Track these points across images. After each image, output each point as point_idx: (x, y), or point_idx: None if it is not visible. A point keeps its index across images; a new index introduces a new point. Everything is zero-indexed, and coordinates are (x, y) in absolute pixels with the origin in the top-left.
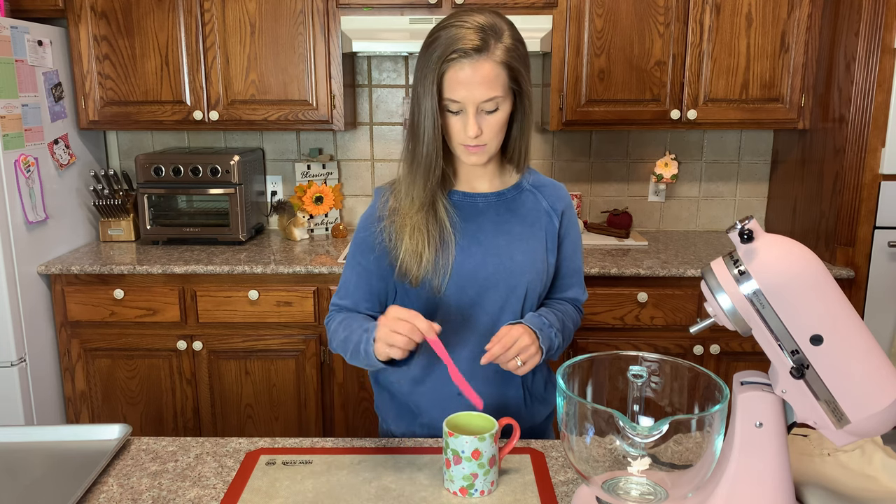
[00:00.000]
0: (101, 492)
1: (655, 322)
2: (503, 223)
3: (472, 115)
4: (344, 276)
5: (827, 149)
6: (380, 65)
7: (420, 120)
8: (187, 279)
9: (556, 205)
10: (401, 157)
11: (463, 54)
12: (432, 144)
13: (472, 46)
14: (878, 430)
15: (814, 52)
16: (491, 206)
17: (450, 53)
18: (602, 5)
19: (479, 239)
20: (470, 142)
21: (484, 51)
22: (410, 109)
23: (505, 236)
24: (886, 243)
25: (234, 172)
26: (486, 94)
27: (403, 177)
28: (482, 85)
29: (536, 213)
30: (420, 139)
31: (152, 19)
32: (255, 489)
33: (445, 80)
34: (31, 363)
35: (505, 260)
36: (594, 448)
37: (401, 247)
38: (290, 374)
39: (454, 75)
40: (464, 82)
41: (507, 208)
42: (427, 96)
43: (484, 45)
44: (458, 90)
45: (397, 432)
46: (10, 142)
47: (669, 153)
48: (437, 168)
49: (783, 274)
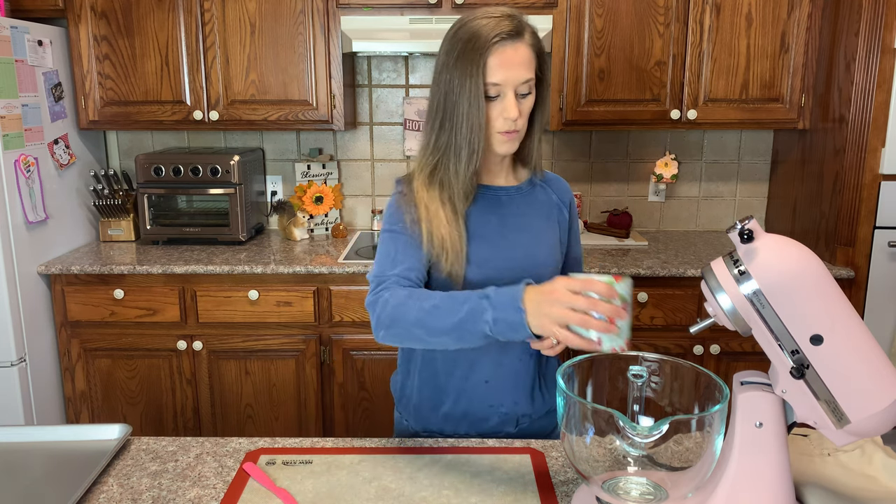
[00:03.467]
0: (101, 492)
1: (655, 322)
2: (523, 216)
3: (512, 98)
4: (385, 248)
5: (827, 149)
6: (380, 65)
7: (461, 109)
8: (187, 279)
9: (563, 197)
10: (423, 153)
11: (505, 37)
12: (476, 131)
13: (510, 30)
14: (878, 430)
15: (814, 52)
16: (513, 200)
17: (493, 38)
18: (602, 5)
19: (502, 233)
20: (510, 126)
21: (520, 34)
22: (438, 103)
23: (527, 230)
24: (886, 243)
25: (234, 172)
26: (525, 75)
27: (426, 165)
28: (522, 66)
29: (549, 207)
30: (458, 125)
31: (152, 19)
32: (255, 489)
33: (489, 65)
34: (31, 363)
35: (528, 253)
36: (594, 448)
37: (429, 236)
38: (289, 374)
39: (497, 59)
40: (506, 65)
41: (526, 202)
42: (470, 83)
43: (519, 30)
44: (500, 72)
45: (416, 426)
46: (10, 142)
47: (669, 153)
48: (480, 156)
49: (783, 274)
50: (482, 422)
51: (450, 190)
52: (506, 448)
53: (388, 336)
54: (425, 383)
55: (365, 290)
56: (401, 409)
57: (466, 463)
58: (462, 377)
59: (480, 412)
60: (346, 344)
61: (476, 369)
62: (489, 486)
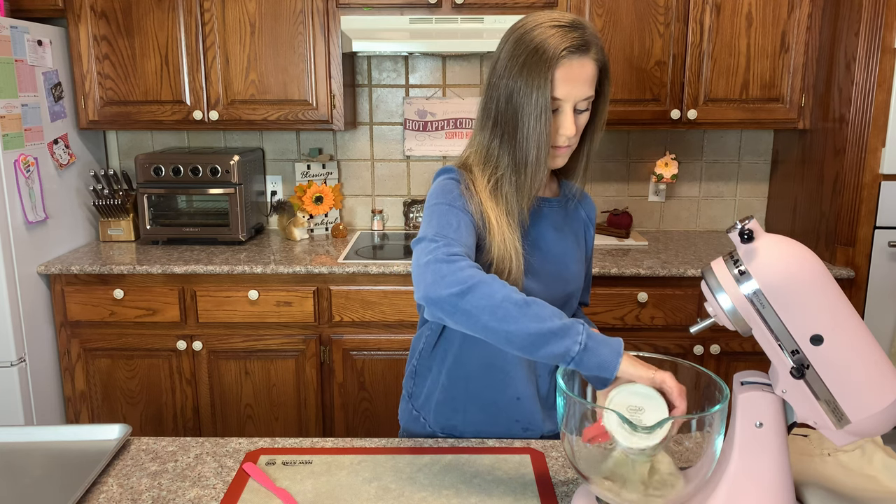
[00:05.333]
0: (101, 492)
1: (655, 322)
2: (559, 229)
3: (570, 113)
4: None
5: (827, 149)
6: (380, 65)
7: (527, 122)
8: (187, 279)
9: (591, 214)
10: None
11: (573, 51)
12: (544, 148)
13: (578, 44)
14: (878, 430)
15: (814, 52)
16: (553, 212)
17: (562, 51)
18: (602, 5)
19: (540, 246)
20: (565, 142)
21: (587, 48)
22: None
23: (561, 243)
24: (886, 243)
25: (234, 172)
26: (586, 91)
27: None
28: (585, 83)
29: (579, 223)
30: (522, 136)
31: (152, 19)
32: (255, 489)
33: (557, 78)
34: (30, 363)
35: (562, 268)
36: (594, 448)
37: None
38: (289, 374)
39: (563, 73)
40: (571, 80)
41: (561, 215)
42: (536, 95)
43: (587, 43)
44: (564, 87)
45: (434, 425)
46: (9, 142)
47: (669, 153)
48: (545, 172)
49: (783, 274)
50: (504, 433)
51: (511, 204)
52: (506, 448)
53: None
54: (454, 384)
55: (365, 289)
56: (417, 405)
57: (466, 463)
58: (496, 389)
59: (505, 425)
60: (346, 344)
61: (511, 385)
62: (489, 486)
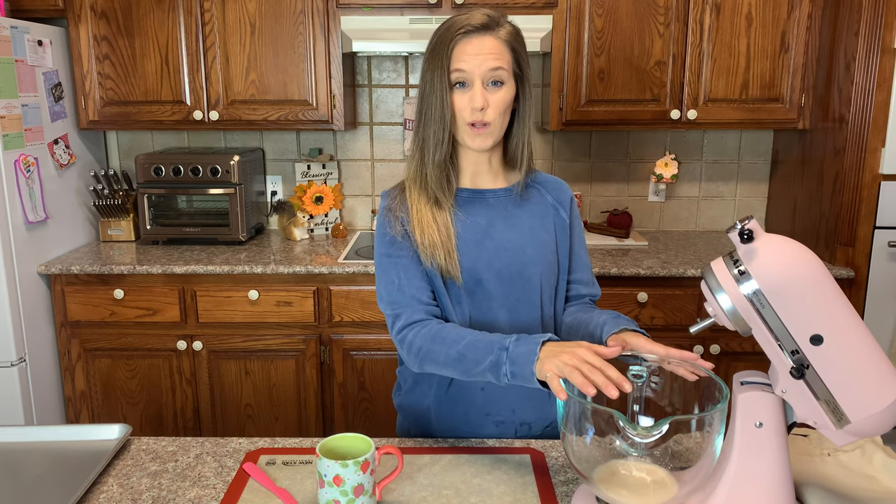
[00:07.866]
0: (101, 492)
1: (655, 322)
2: (512, 217)
3: (478, 86)
4: (387, 276)
5: (827, 149)
6: (380, 65)
7: (430, 100)
8: (187, 279)
9: (560, 198)
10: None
11: (471, 29)
12: (439, 121)
13: (480, 23)
14: (878, 430)
15: (814, 52)
16: (500, 202)
17: (458, 29)
18: (602, 5)
19: (490, 234)
20: (477, 116)
21: (490, 28)
22: (419, 103)
23: (515, 230)
24: (886, 243)
25: (234, 172)
26: (492, 63)
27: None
28: (490, 55)
29: (544, 207)
30: (429, 118)
31: (152, 19)
32: (255, 489)
33: (454, 54)
34: (31, 363)
35: (516, 252)
36: (594, 448)
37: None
38: (289, 374)
39: (462, 48)
40: (471, 52)
41: (514, 203)
42: (436, 74)
43: (490, 24)
44: (465, 59)
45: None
46: (10, 142)
47: (669, 153)
48: (446, 146)
49: (783, 274)
50: (477, 430)
51: (429, 186)
52: (506, 448)
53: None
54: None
55: (365, 289)
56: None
57: (466, 463)
58: (458, 384)
59: (476, 420)
60: (346, 344)
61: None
62: (489, 486)
